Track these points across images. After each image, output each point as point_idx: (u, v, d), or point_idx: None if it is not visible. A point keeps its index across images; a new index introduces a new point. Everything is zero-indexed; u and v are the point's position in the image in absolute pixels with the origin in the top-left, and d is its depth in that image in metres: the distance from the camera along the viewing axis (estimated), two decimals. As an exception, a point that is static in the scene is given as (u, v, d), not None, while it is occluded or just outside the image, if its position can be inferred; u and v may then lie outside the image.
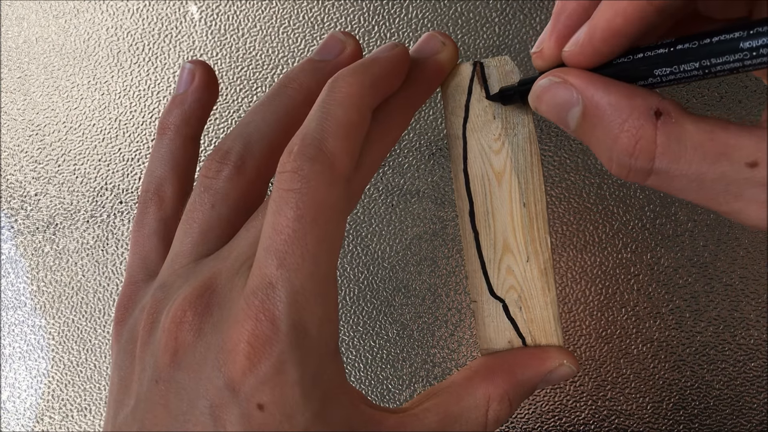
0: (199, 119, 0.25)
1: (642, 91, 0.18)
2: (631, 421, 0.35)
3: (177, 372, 0.19)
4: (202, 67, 0.26)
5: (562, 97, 0.20)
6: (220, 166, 0.22)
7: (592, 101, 0.19)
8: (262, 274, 0.19)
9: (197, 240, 0.22)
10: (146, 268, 0.23)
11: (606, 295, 0.35)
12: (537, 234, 0.23)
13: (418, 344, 0.37)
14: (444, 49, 0.24)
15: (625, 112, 0.18)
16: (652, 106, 0.18)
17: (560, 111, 0.20)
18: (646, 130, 0.18)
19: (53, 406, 0.41)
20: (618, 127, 0.18)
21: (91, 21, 0.42)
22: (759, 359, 0.34)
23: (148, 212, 0.24)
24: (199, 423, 0.18)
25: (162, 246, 0.24)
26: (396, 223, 0.37)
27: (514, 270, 0.23)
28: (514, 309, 0.24)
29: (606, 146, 0.19)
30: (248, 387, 0.18)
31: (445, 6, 0.38)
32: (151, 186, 0.24)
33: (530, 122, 0.23)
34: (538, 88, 0.21)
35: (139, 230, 0.24)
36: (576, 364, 0.23)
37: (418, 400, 0.23)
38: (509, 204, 0.23)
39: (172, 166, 0.25)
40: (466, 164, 0.24)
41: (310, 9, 0.39)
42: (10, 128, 0.43)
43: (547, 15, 0.36)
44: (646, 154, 0.18)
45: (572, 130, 0.20)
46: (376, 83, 0.21)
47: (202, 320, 0.19)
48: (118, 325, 0.22)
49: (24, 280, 0.42)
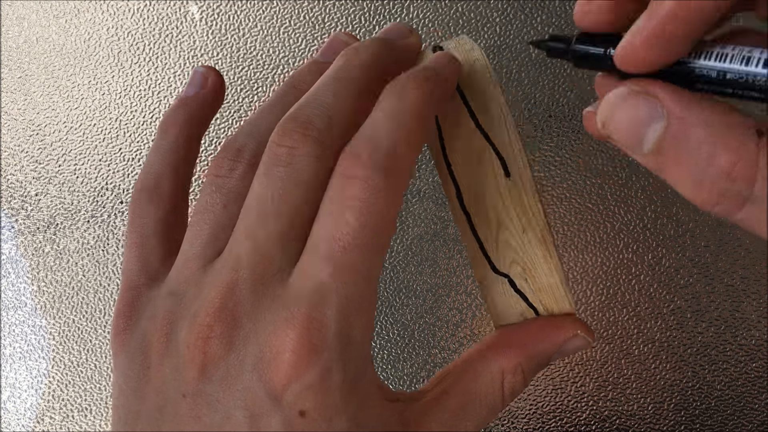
0: (203, 122, 0.25)
1: (736, 109, 0.16)
2: (633, 421, 0.35)
3: (207, 385, 0.19)
4: (215, 73, 0.25)
5: (643, 109, 0.17)
6: (233, 164, 0.21)
7: (679, 116, 0.16)
8: (312, 282, 0.18)
9: (207, 242, 0.21)
10: (146, 272, 0.22)
11: (607, 296, 0.35)
12: (527, 203, 0.23)
13: (419, 345, 0.37)
14: (411, 35, 0.24)
15: (721, 129, 0.16)
16: (752, 124, 0.16)
17: (635, 128, 0.17)
18: (747, 150, 0.15)
19: (54, 407, 0.41)
20: (712, 147, 0.16)
21: (92, 21, 0.42)
22: (760, 360, 0.34)
23: (145, 211, 0.23)
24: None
25: (161, 248, 0.23)
26: (397, 224, 0.37)
27: (512, 243, 0.23)
28: (520, 282, 0.23)
29: (695, 168, 0.16)
30: (292, 395, 0.18)
31: (446, 6, 0.38)
32: (148, 182, 0.23)
33: (500, 95, 0.23)
34: (613, 98, 0.18)
35: (136, 230, 0.23)
36: (591, 334, 0.23)
37: (436, 380, 0.22)
38: (494, 179, 0.23)
39: (173, 164, 0.24)
40: (444, 149, 0.23)
41: (311, 9, 0.39)
42: (11, 128, 0.43)
43: (548, 15, 0.36)
44: (745, 177, 0.15)
45: (647, 150, 0.17)
46: (439, 99, 0.21)
47: (232, 333, 0.19)
48: (121, 334, 0.21)
49: (24, 280, 0.42)
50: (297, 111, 0.20)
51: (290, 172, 0.19)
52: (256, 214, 0.19)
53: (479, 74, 0.23)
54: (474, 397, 0.22)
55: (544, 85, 0.36)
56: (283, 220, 0.19)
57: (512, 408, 0.36)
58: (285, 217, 0.19)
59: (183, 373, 0.19)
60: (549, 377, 0.35)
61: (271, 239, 0.19)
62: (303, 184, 0.19)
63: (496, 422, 0.36)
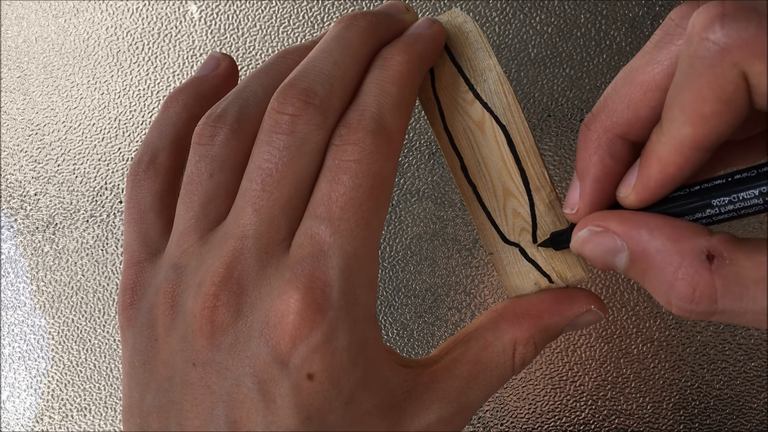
0: (210, 103, 0.24)
1: (689, 231, 0.18)
2: (632, 420, 0.35)
3: (216, 353, 0.19)
4: (229, 59, 0.25)
5: (606, 245, 0.19)
6: (214, 130, 0.21)
7: (638, 247, 0.18)
8: (312, 242, 0.19)
9: (199, 214, 0.21)
10: (147, 247, 0.22)
11: (606, 295, 0.35)
12: (533, 170, 0.23)
13: (419, 344, 0.37)
14: (408, 12, 0.24)
15: (675, 258, 0.17)
16: (703, 249, 0.17)
17: (605, 258, 0.19)
18: (702, 277, 0.17)
19: (53, 406, 0.41)
20: (672, 275, 0.18)
21: (91, 20, 0.42)
22: (759, 359, 0.34)
23: (142, 185, 0.23)
24: (247, 400, 0.18)
25: (160, 221, 0.22)
26: (396, 223, 0.37)
27: (521, 211, 0.23)
28: (531, 250, 0.23)
29: (662, 291, 0.18)
30: (299, 358, 0.18)
31: (446, 6, 0.38)
32: (145, 156, 0.23)
33: (496, 65, 0.23)
34: (579, 239, 0.20)
35: (134, 205, 0.23)
36: (603, 308, 0.23)
37: (446, 347, 0.23)
38: (497, 149, 0.23)
39: (172, 139, 0.23)
40: (444, 122, 0.24)
41: (310, 9, 0.39)
42: (10, 128, 0.43)
43: (548, 15, 0.36)
44: (707, 299, 0.17)
45: (622, 271, 0.19)
46: (423, 61, 0.22)
47: (238, 300, 0.19)
48: (128, 309, 0.22)
49: (23, 280, 0.42)
50: (297, 78, 0.20)
51: (293, 140, 0.20)
52: (261, 184, 0.20)
53: (474, 45, 0.23)
54: (485, 367, 0.22)
55: (543, 84, 0.36)
56: (286, 189, 0.20)
57: (512, 407, 0.36)
58: (289, 186, 0.20)
59: (191, 342, 0.19)
60: (548, 376, 0.35)
61: (276, 208, 0.20)
62: (306, 153, 0.20)
63: (496, 422, 0.36)
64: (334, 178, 0.19)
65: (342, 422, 0.19)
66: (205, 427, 0.19)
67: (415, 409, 0.21)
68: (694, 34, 0.16)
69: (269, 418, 0.18)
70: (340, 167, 0.19)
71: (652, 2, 0.36)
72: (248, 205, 0.20)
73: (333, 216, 0.19)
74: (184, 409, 0.19)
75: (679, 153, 0.17)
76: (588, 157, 0.20)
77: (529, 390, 0.36)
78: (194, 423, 0.19)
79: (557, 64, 0.36)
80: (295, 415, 0.18)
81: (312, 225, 0.19)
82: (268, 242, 0.19)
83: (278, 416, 0.18)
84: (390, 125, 0.20)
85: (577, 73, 0.36)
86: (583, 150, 0.20)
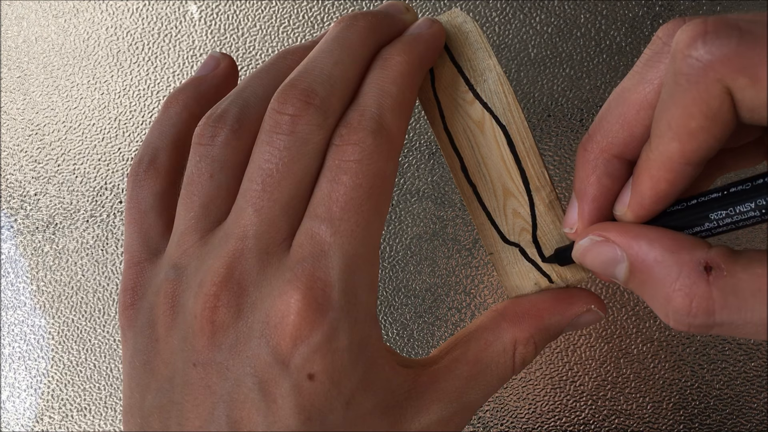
0: (210, 103, 0.24)
1: (688, 243, 0.18)
2: (631, 420, 0.35)
3: (217, 354, 0.19)
4: (229, 59, 0.25)
5: (606, 254, 0.19)
6: (214, 131, 0.21)
7: (637, 258, 0.19)
8: (313, 243, 0.19)
9: (200, 214, 0.21)
10: (148, 247, 0.22)
11: (606, 295, 0.35)
12: (533, 170, 0.23)
13: (419, 344, 0.37)
14: (408, 12, 0.24)
15: (673, 269, 0.18)
16: (701, 261, 0.17)
17: (606, 268, 0.20)
18: (699, 288, 0.17)
19: (53, 406, 0.41)
20: (669, 286, 0.18)
21: (91, 20, 0.42)
22: (759, 359, 0.34)
23: (142, 186, 0.23)
24: (248, 400, 0.18)
25: (161, 222, 0.22)
26: (396, 223, 0.37)
27: (521, 212, 0.23)
28: (531, 249, 0.23)
29: (660, 303, 0.18)
30: (299, 358, 0.18)
31: (446, 6, 0.38)
32: (145, 156, 0.23)
33: (496, 65, 0.23)
34: (580, 248, 0.21)
35: (134, 206, 0.23)
36: (604, 308, 0.23)
37: (446, 347, 0.23)
38: (497, 149, 0.23)
39: (172, 139, 0.23)
40: (444, 122, 0.24)
41: (310, 9, 0.39)
42: (10, 128, 0.43)
43: (548, 15, 0.36)
44: (704, 311, 0.17)
45: (621, 282, 0.20)
46: (423, 62, 0.22)
47: (239, 300, 0.19)
48: (128, 309, 0.22)
49: (23, 280, 0.42)
50: (297, 78, 0.20)
51: (294, 141, 0.20)
52: (261, 184, 0.20)
53: (474, 45, 0.23)
54: (485, 367, 0.22)
55: (543, 84, 0.36)
56: (287, 189, 0.20)
57: (512, 407, 0.36)
58: (289, 187, 0.20)
59: (192, 342, 0.19)
60: (548, 376, 0.35)
61: (276, 209, 0.20)
62: (307, 153, 0.20)
63: (496, 422, 0.36)
64: (334, 179, 0.19)
65: (342, 422, 0.19)
66: (206, 427, 0.19)
67: (415, 409, 0.21)
68: (678, 51, 0.16)
69: (270, 419, 0.18)
70: (340, 167, 0.19)
71: (652, 2, 0.36)
72: (249, 206, 0.20)
73: (333, 216, 0.19)
74: (185, 409, 0.19)
75: (669, 169, 0.18)
76: (585, 178, 0.20)
77: (529, 390, 0.36)
78: (195, 423, 0.19)
79: (557, 64, 0.36)
80: (295, 415, 0.18)
81: (312, 225, 0.19)
82: (268, 242, 0.19)
83: (279, 416, 0.18)
84: (390, 125, 0.20)
85: (577, 73, 0.36)
86: (580, 170, 0.21)
